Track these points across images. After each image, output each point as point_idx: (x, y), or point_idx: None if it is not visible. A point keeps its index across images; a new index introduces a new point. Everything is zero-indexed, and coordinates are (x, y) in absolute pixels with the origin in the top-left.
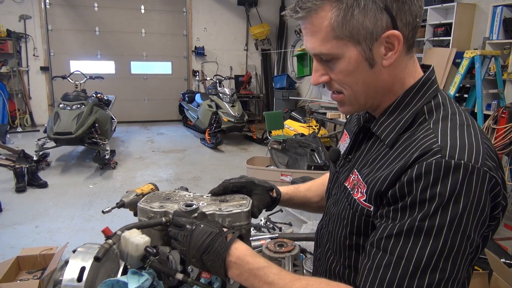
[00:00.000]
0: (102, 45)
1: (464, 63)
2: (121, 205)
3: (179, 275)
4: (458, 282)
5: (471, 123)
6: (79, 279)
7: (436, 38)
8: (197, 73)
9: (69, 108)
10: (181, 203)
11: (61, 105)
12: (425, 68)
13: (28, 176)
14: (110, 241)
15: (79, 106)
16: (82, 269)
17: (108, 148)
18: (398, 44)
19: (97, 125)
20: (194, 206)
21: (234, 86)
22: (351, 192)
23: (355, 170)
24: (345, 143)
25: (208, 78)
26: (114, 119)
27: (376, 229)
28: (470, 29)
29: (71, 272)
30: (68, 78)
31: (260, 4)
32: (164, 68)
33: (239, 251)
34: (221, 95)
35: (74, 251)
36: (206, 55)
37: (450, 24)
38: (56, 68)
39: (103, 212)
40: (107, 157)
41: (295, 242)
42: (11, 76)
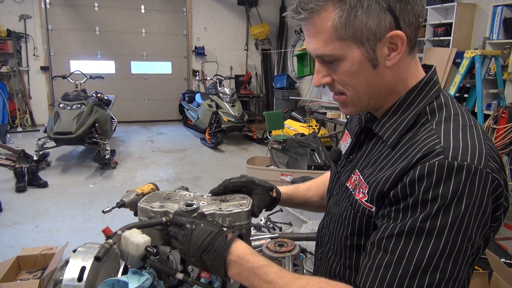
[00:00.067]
0: (102, 45)
1: (464, 63)
2: (121, 204)
3: (180, 275)
4: (459, 283)
5: (473, 124)
6: (80, 278)
7: (436, 38)
8: (197, 73)
9: (69, 108)
10: (181, 202)
11: (61, 105)
12: (427, 68)
13: (28, 176)
14: (110, 241)
15: (79, 106)
16: (83, 269)
17: (108, 148)
18: (402, 45)
19: (97, 125)
20: (194, 205)
21: (234, 86)
22: (353, 193)
23: (356, 170)
24: (346, 143)
25: (208, 78)
26: (114, 119)
27: (377, 229)
28: (470, 29)
29: (71, 272)
30: (68, 78)
31: (260, 4)
32: (164, 68)
33: (239, 250)
34: (221, 95)
35: (74, 251)
36: (206, 55)
37: (450, 24)
38: (56, 68)
39: (103, 211)
40: (107, 157)
41: (295, 242)
42: (11, 76)
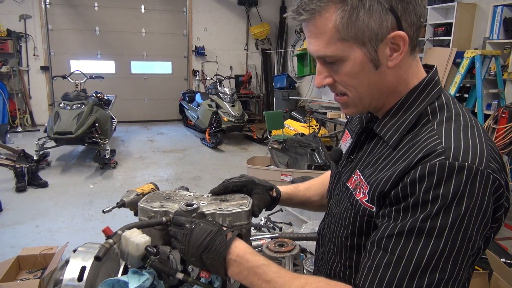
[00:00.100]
0: (102, 44)
1: (465, 63)
2: (121, 204)
3: (180, 275)
4: (459, 283)
5: (474, 124)
6: (80, 278)
7: (437, 38)
8: (197, 73)
9: (69, 108)
10: (181, 202)
11: (61, 105)
12: (428, 68)
13: (28, 175)
14: (110, 241)
15: (79, 105)
16: (83, 269)
17: (108, 147)
18: (404, 45)
19: (97, 124)
20: (194, 205)
21: (234, 85)
22: (353, 193)
23: (357, 170)
24: (346, 142)
25: (208, 78)
26: (114, 119)
27: (377, 229)
28: (471, 29)
29: (71, 272)
30: (68, 78)
31: (260, 3)
32: (164, 67)
33: (239, 249)
34: (221, 94)
35: (74, 251)
36: (206, 55)
37: (450, 24)
38: (56, 67)
39: (103, 211)
40: (107, 156)
41: (295, 242)
42: (11, 76)
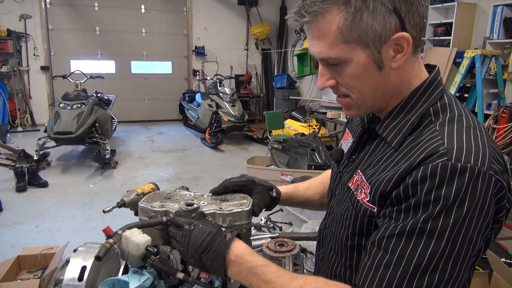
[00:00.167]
0: (103, 44)
1: (465, 63)
2: (121, 204)
3: (180, 274)
4: (459, 285)
5: (477, 125)
6: (80, 278)
7: (437, 37)
8: (198, 73)
9: (70, 108)
10: (181, 202)
11: (61, 105)
12: (430, 67)
13: (29, 175)
14: (111, 240)
15: (79, 105)
16: (83, 268)
17: (108, 147)
18: (408, 46)
19: (97, 124)
20: (194, 205)
21: (234, 85)
22: (355, 193)
23: (358, 170)
24: (347, 142)
25: (208, 78)
26: (114, 119)
27: (378, 229)
28: (471, 28)
29: (72, 271)
30: (69, 78)
31: (261, 3)
32: (164, 67)
33: (238, 250)
34: (221, 94)
35: (75, 251)
36: (206, 55)
37: (450, 24)
38: (57, 67)
39: (103, 211)
40: (107, 156)
41: (296, 242)
42: (11, 76)
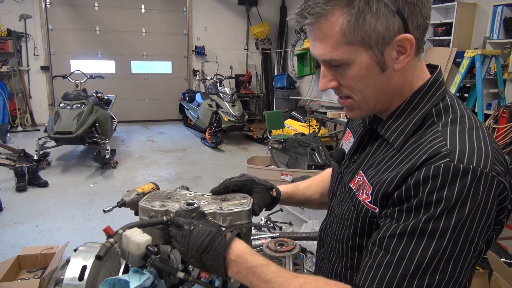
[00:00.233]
0: (103, 44)
1: (465, 63)
2: (122, 204)
3: (180, 274)
4: (459, 285)
5: (479, 126)
6: (81, 278)
7: (437, 37)
8: (198, 73)
9: (70, 108)
10: (182, 202)
11: (61, 105)
12: (432, 68)
13: (29, 175)
14: (111, 240)
15: (79, 105)
16: (84, 268)
17: (108, 147)
18: (411, 48)
19: (97, 124)
20: (195, 205)
21: (234, 85)
22: (356, 193)
23: (360, 171)
24: (348, 142)
25: (208, 78)
26: (114, 119)
27: (379, 229)
28: (471, 28)
29: (72, 271)
30: (69, 78)
31: (261, 3)
32: (164, 67)
33: (238, 249)
34: (221, 94)
35: (75, 250)
36: (206, 55)
37: (450, 24)
38: (57, 67)
39: (104, 211)
40: (107, 156)
41: (296, 241)
42: (11, 76)
